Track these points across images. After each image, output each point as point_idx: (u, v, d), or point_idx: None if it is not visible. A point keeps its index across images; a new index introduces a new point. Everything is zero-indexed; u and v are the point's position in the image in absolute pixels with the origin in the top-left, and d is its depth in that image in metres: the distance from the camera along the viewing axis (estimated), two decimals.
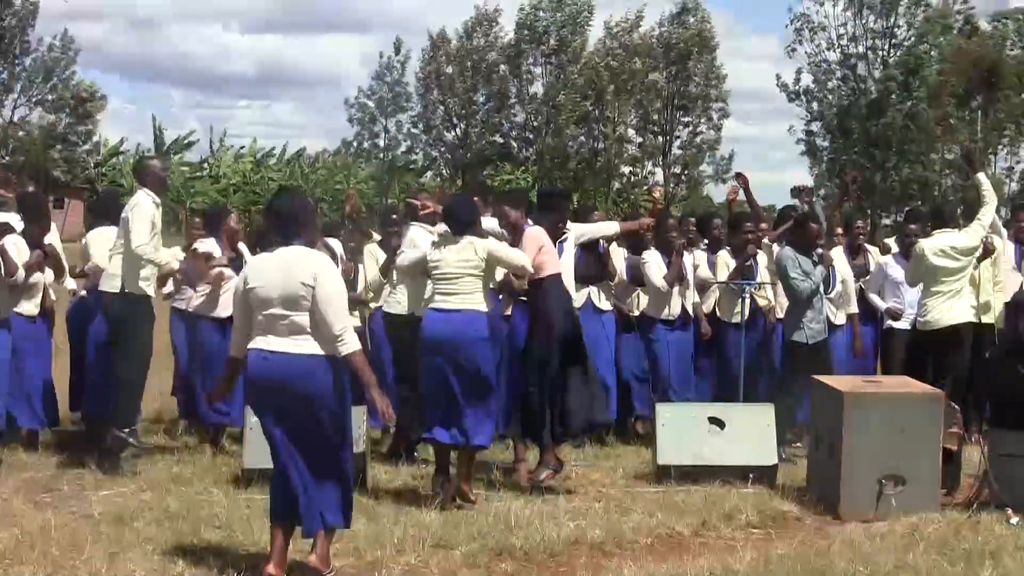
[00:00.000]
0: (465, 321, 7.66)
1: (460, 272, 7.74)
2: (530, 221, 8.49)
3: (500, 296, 8.73)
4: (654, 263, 10.06)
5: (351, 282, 9.48)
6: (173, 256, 9.22)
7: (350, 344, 5.96)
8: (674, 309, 10.09)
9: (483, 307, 7.76)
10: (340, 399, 6.06)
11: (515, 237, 8.31)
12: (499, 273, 8.22)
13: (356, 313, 9.60)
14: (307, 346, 5.97)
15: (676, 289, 10.06)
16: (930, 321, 9.25)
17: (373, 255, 9.96)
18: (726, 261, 10.43)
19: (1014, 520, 7.35)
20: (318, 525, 6.06)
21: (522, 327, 8.46)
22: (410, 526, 6.94)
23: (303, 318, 5.96)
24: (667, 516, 7.36)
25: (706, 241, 10.89)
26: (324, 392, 5.99)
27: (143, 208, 8.43)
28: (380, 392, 6.07)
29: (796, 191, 11.06)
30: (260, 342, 6.04)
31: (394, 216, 10.03)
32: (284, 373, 5.95)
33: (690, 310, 10.18)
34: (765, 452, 8.52)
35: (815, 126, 51.51)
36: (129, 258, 8.38)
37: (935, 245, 9.28)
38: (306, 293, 5.94)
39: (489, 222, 8.47)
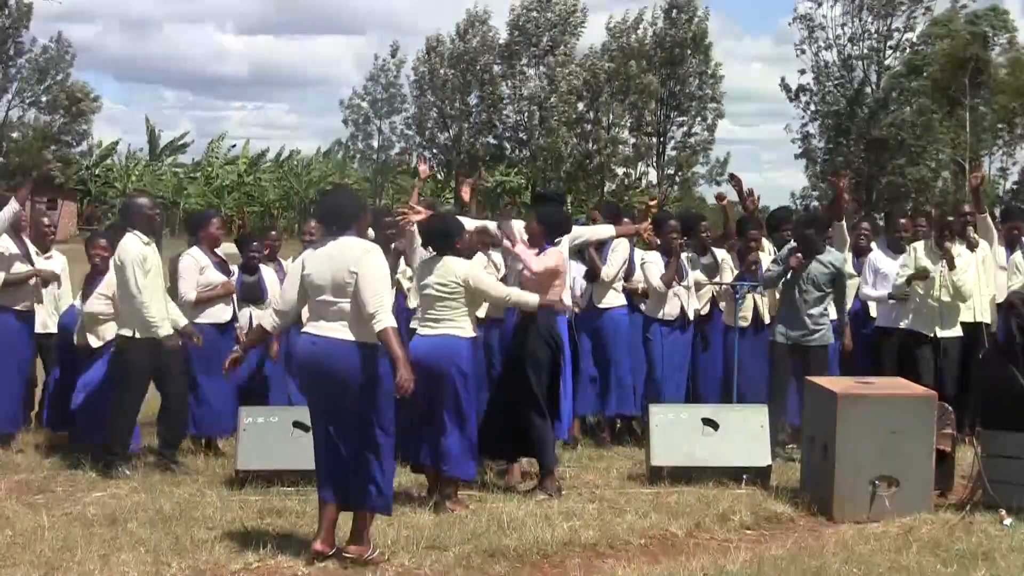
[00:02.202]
0: (437, 348, 7.54)
1: (437, 295, 7.62)
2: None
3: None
4: (654, 264, 10.07)
5: None
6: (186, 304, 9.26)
7: (383, 321, 6.22)
8: (672, 309, 10.10)
9: (461, 332, 7.60)
10: (379, 387, 6.34)
11: (533, 245, 8.31)
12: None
13: None
14: (357, 332, 6.30)
15: (675, 289, 10.07)
16: None
17: None
18: (729, 265, 10.42)
19: (1007, 521, 7.35)
20: (361, 505, 6.41)
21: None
22: (403, 527, 6.94)
23: (351, 304, 6.30)
24: (660, 517, 7.36)
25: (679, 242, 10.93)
26: (370, 378, 6.30)
27: (131, 252, 8.44)
28: (407, 367, 6.24)
29: (730, 176, 11.47)
30: (310, 327, 6.48)
31: (387, 219, 10.00)
32: (328, 357, 6.32)
33: (690, 312, 10.18)
34: (759, 453, 8.53)
35: (812, 127, 51.54)
36: (131, 304, 8.44)
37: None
38: (351, 279, 6.29)
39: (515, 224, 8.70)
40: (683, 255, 10.21)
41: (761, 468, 8.48)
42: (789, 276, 9.49)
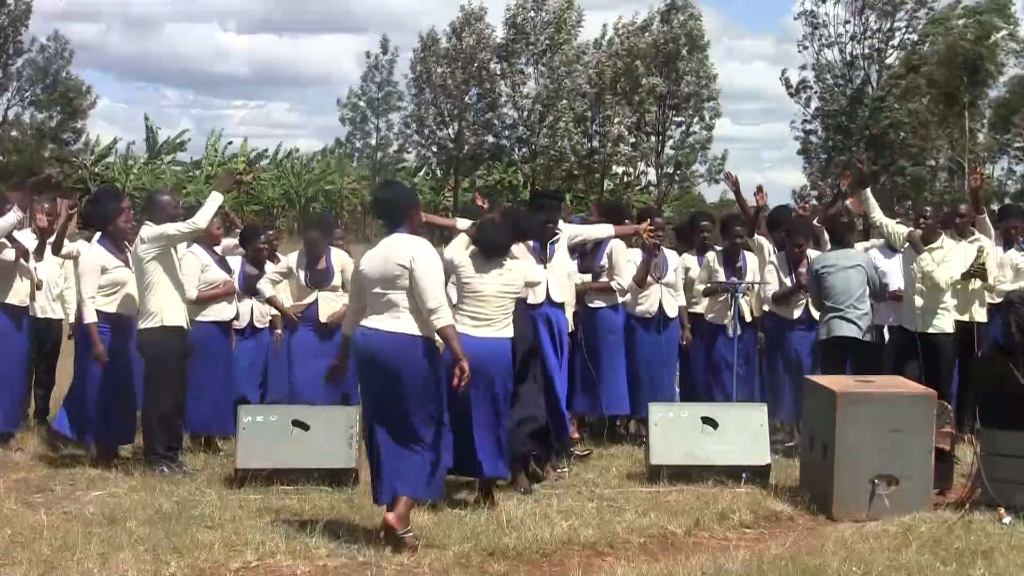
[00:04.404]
0: (499, 348, 7.64)
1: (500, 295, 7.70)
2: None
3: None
4: (632, 262, 10.04)
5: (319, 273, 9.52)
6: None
7: (443, 318, 6.61)
8: (649, 307, 10.09)
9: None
10: (429, 377, 6.65)
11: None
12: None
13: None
14: (402, 325, 6.61)
15: (656, 287, 10.09)
16: None
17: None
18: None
19: (1006, 519, 7.35)
20: (388, 495, 6.65)
21: None
22: None
23: (399, 296, 6.62)
24: (660, 516, 7.36)
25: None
26: (413, 369, 6.59)
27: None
28: (465, 364, 6.62)
29: (725, 176, 11.39)
30: (365, 321, 6.76)
31: None
32: (379, 348, 6.61)
33: (670, 311, 10.16)
34: (758, 452, 8.53)
35: (814, 124, 51.40)
36: (164, 292, 8.47)
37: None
38: (401, 273, 6.61)
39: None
40: (708, 255, 10.30)
41: (760, 467, 8.48)
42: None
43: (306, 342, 9.52)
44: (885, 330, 10.17)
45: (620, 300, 9.93)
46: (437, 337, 6.68)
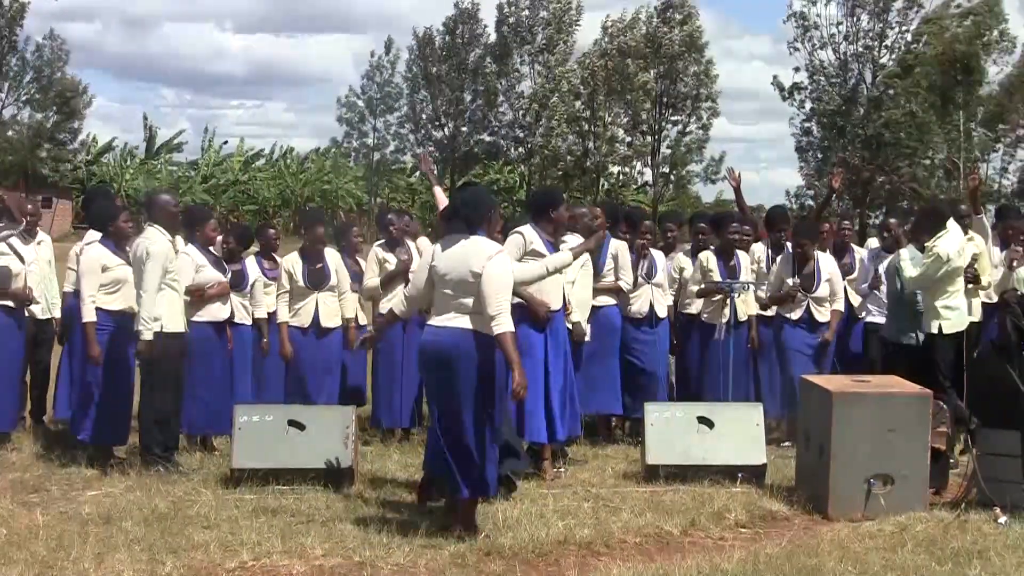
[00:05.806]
0: None
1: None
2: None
3: None
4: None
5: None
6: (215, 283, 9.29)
7: (503, 325, 6.62)
8: (640, 307, 10.10)
9: None
10: (488, 376, 6.73)
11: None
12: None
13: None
14: (474, 322, 6.70)
15: (647, 287, 10.11)
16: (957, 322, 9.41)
17: (377, 258, 9.90)
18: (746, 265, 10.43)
19: (1002, 519, 7.36)
20: (462, 491, 6.81)
21: None
22: (399, 526, 6.93)
23: (471, 301, 6.71)
24: (656, 516, 7.36)
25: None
26: (473, 365, 6.67)
27: (159, 246, 8.43)
28: (522, 373, 6.66)
29: (728, 171, 11.47)
30: (434, 319, 6.88)
31: (390, 217, 10.06)
32: (444, 345, 6.72)
33: (660, 311, 10.17)
34: (754, 451, 8.53)
35: (811, 124, 51.38)
36: (162, 296, 8.41)
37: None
38: (475, 281, 6.69)
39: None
40: (702, 255, 10.32)
41: (756, 466, 8.48)
42: None
43: (307, 344, 9.64)
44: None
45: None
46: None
